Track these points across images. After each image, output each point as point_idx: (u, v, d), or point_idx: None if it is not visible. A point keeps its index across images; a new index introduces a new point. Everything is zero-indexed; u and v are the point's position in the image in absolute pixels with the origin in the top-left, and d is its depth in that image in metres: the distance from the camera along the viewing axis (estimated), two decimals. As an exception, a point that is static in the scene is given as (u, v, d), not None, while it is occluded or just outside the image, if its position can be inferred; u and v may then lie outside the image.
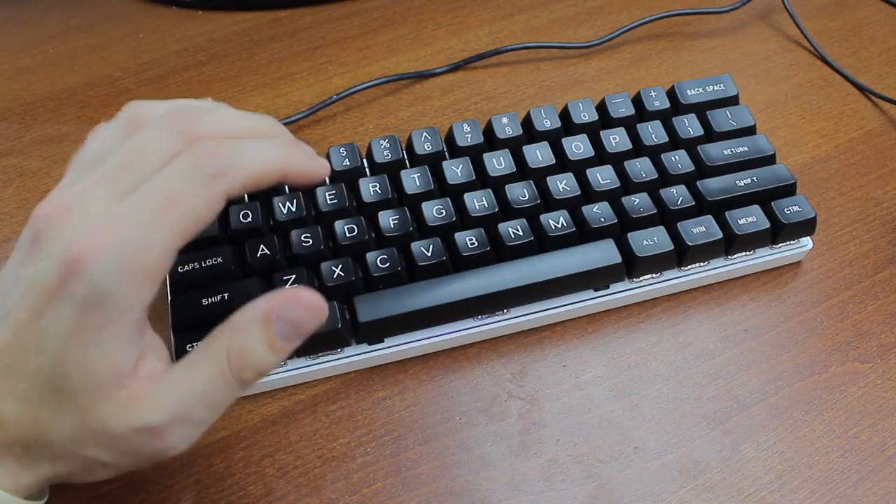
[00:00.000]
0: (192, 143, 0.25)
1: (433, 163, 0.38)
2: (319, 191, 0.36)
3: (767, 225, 0.36)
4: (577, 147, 0.38)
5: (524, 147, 0.38)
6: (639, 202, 0.36)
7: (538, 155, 0.38)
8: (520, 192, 0.36)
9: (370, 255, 0.34)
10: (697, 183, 0.37)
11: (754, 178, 0.38)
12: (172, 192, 0.24)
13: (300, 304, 0.25)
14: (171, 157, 0.25)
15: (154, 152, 0.25)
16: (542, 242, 0.35)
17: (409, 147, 0.39)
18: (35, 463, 0.24)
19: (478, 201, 0.36)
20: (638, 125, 0.39)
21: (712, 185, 0.37)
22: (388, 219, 0.35)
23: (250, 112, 0.28)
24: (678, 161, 0.38)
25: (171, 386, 0.25)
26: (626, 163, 0.38)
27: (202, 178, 0.24)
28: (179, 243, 0.24)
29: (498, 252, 0.35)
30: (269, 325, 0.25)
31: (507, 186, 0.36)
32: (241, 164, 0.25)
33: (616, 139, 0.39)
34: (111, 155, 0.25)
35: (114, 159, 0.25)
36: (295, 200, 0.35)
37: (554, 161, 0.38)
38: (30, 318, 0.23)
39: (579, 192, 0.37)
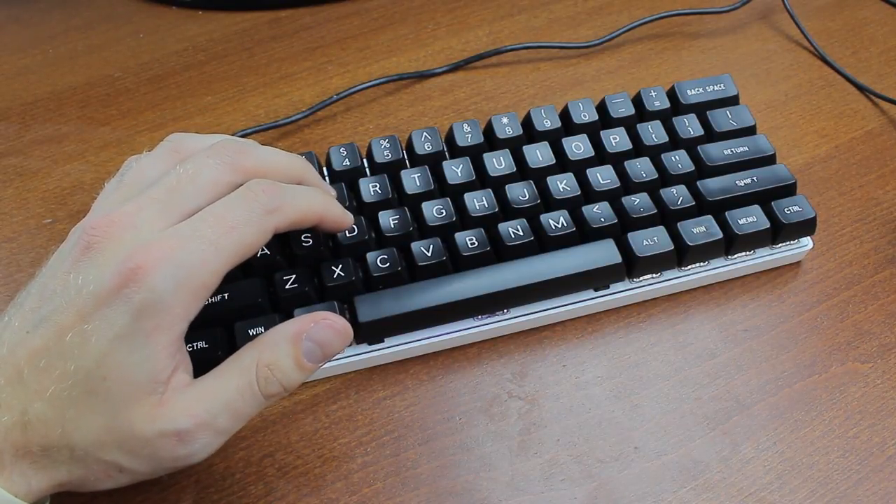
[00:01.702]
0: (239, 172, 0.28)
1: (433, 163, 0.38)
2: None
3: (767, 225, 0.36)
4: (578, 147, 0.38)
5: (524, 147, 0.38)
6: (639, 202, 0.36)
7: (538, 155, 0.38)
8: (520, 192, 0.36)
9: (370, 255, 0.34)
10: (697, 183, 0.37)
11: (754, 178, 0.38)
12: (232, 219, 0.26)
13: (330, 327, 0.28)
14: (221, 186, 0.27)
15: (205, 180, 0.27)
16: (542, 242, 0.35)
17: (409, 147, 0.39)
18: (51, 465, 0.25)
19: (478, 201, 0.36)
20: (638, 125, 0.39)
21: (712, 185, 0.37)
22: (388, 219, 0.35)
23: (283, 151, 0.31)
24: (678, 161, 0.38)
25: (199, 394, 0.26)
26: (626, 163, 0.38)
27: (259, 210, 0.27)
28: (231, 266, 0.26)
29: (498, 252, 0.35)
30: (299, 344, 0.27)
31: (507, 186, 0.36)
32: (292, 204, 0.28)
33: (616, 139, 0.39)
34: (162, 180, 0.27)
35: (165, 183, 0.27)
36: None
37: (554, 161, 0.38)
38: (75, 322, 0.24)
39: (579, 192, 0.37)
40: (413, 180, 0.37)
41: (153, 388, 0.25)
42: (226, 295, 0.32)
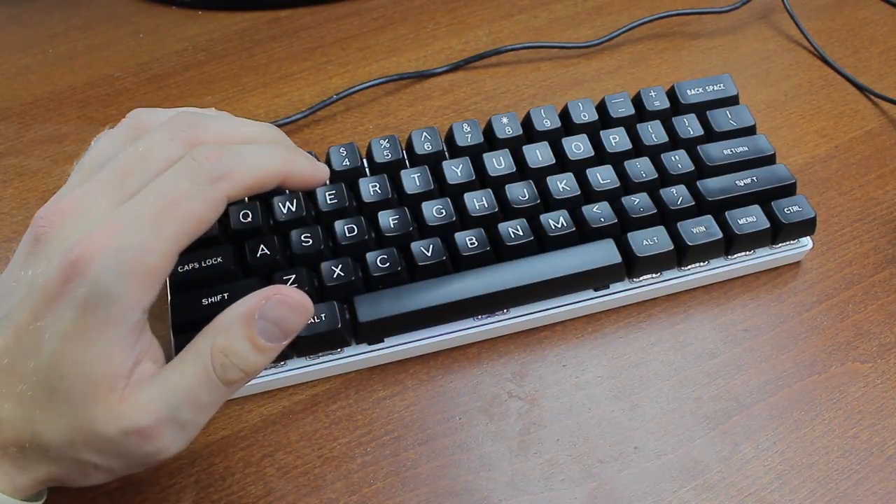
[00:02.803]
0: (193, 146, 0.26)
1: (433, 163, 0.38)
2: (319, 191, 0.36)
3: (767, 225, 0.36)
4: (577, 147, 0.38)
5: (524, 147, 0.38)
6: (639, 202, 0.36)
7: (538, 155, 0.38)
8: (520, 192, 0.36)
9: (370, 255, 0.34)
10: (697, 183, 0.37)
11: (754, 178, 0.38)
12: (173, 194, 0.24)
13: (283, 302, 0.25)
14: (173, 163, 0.25)
15: (156, 158, 0.25)
16: (542, 242, 0.35)
17: (409, 147, 0.39)
18: (31, 465, 0.24)
19: (478, 201, 0.36)
20: (638, 125, 0.39)
21: (712, 185, 0.37)
22: (388, 219, 0.35)
23: (253, 120, 0.29)
24: (678, 161, 0.38)
25: (158, 387, 0.24)
26: (626, 163, 0.38)
27: (203, 180, 0.25)
28: (181, 245, 0.24)
29: (498, 252, 0.35)
30: (252, 324, 0.25)
31: (507, 186, 0.36)
32: (242, 167, 0.26)
33: (616, 139, 0.39)
34: (113, 160, 0.26)
35: (115, 164, 0.25)
36: (295, 200, 0.35)
37: (554, 161, 0.38)
38: (29, 320, 0.23)
39: (579, 192, 0.37)
40: (413, 180, 0.37)
41: (112, 383, 0.24)
42: (226, 295, 0.32)
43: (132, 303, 0.24)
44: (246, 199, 0.36)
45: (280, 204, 0.35)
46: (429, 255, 0.34)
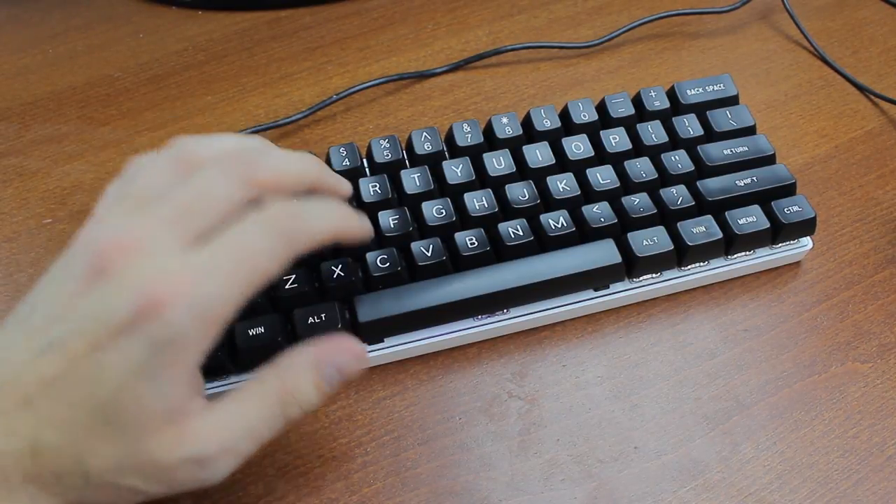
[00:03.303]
0: (252, 186, 0.27)
1: (433, 163, 0.38)
2: (319, 191, 0.36)
3: (767, 225, 0.36)
4: (577, 147, 0.38)
5: (524, 147, 0.38)
6: (639, 202, 0.36)
7: (538, 155, 0.38)
8: (520, 192, 0.36)
9: (370, 255, 0.34)
10: (697, 183, 0.37)
11: (754, 178, 0.38)
12: (251, 250, 0.26)
13: (349, 353, 0.28)
14: (234, 204, 0.26)
15: (217, 197, 0.26)
16: (542, 242, 0.35)
17: (409, 147, 0.39)
18: (65, 491, 0.25)
19: (478, 201, 0.36)
20: (638, 125, 0.39)
21: (712, 185, 0.37)
22: (388, 219, 0.35)
23: (294, 152, 0.30)
24: (678, 161, 0.38)
25: (222, 419, 0.26)
26: (626, 163, 0.38)
27: (277, 239, 0.26)
28: (249, 297, 0.26)
29: (498, 252, 0.35)
30: (320, 370, 0.28)
31: (507, 186, 0.36)
32: (310, 228, 0.28)
33: (616, 139, 0.39)
34: (171, 195, 0.26)
35: (175, 201, 0.26)
36: (295, 200, 0.35)
37: (554, 161, 0.38)
38: (88, 350, 0.24)
39: (579, 192, 0.37)
40: (413, 180, 0.37)
41: (171, 416, 0.25)
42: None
43: (200, 347, 0.25)
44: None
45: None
46: (429, 255, 0.34)
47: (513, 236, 0.35)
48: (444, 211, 0.36)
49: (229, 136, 0.31)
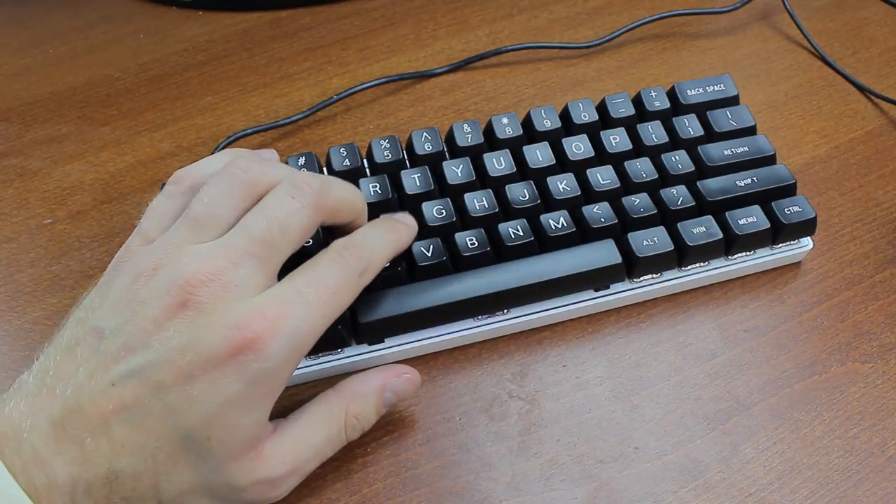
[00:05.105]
0: (322, 213, 0.29)
1: (433, 163, 0.38)
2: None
3: (767, 225, 0.36)
4: (578, 147, 0.38)
5: (524, 147, 0.38)
6: (639, 202, 0.36)
7: (538, 155, 0.38)
8: (520, 193, 0.36)
9: (370, 256, 0.34)
10: (698, 183, 0.37)
11: (754, 179, 0.38)
12: (333, 284, 0.28)
13: (408, 380, 0.31)
14: (309, 232, 0.28)
15: (295, 228, 0.28)
16: (542, 242, 0.35)
17: (409, 147, 0.39)
18: None
19: (478, 201, 0.36)
20: (638, 125, 0.39)
21: (712, 186, 0.37)
22: (388, 219, 0.35)
23: (341, 180, 0.31)
24: (678, 161, 0.38)
25: (291, 442, 0.28)
26: (626, 163, 0.38)
27: (354, 275, 0.28)
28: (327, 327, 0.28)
29: (498, 252, 0.35)
30: (382, 395, 0.31)
31: (507, 186, 0.36)
32: (377, 259, 0.30)
33: (616, 139, 0.39)
34: (248, 226, 0.27)
35: (254, 232, 0.27)
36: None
37: (554, 161, 0.38)
38: (178, 383, 0.24)
39: (579, 193, 0.37)
40: (413, 180, 0.37)
41: (255, 443, 0.26)
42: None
43: (287, 377, 0.27)
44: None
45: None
46: (429, 255, 0.34)
47: (513, 236, 0.35)
48: (444, 211, 0.36)
49: (269, 151, 0.33)
